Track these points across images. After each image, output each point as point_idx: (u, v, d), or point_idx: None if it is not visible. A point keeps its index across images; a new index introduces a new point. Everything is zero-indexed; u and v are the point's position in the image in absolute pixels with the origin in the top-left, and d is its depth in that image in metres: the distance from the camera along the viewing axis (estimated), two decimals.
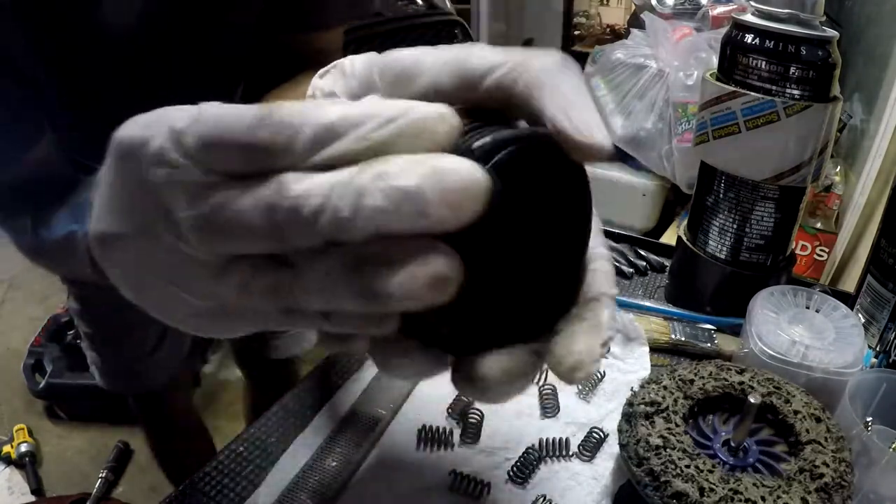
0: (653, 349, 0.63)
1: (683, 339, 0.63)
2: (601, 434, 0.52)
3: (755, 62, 0.59)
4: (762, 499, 0.40)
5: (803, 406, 0.47)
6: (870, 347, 0.61)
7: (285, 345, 0.98)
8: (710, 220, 0.66)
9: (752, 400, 0.44)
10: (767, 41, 0.58)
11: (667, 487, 0.41)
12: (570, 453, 0.51)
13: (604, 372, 0.59)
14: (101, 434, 1.69)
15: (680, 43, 1.53)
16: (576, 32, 2.94)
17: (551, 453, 0.51)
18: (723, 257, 0.67)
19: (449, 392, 0.55)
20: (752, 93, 0.59)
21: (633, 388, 0.50)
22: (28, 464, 1.57)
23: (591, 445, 0.51)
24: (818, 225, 1.45)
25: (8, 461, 1.61)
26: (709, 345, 0.63)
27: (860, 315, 0.63)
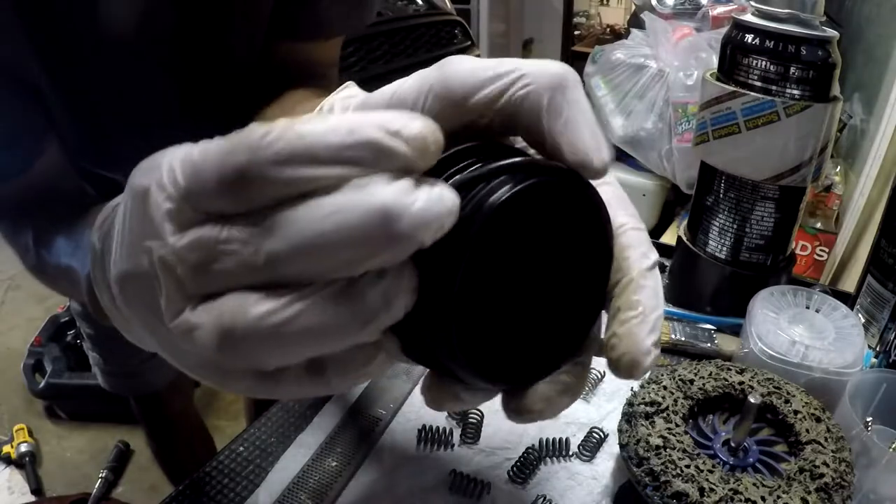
0: None
1: (683, 339, 0.63)
2: (601, 434, 0.52)
3: (755, 62, 0.59)
4: (762, 499, 0.40)
5: (803, 406, 0.47)
6: (870, 347, 0.61)
7: None
8: (710, 220, 0.66)
9: (752, 400, 0.44)
10: (767, 41, 0.58)
11: (667, 487, 0.41)
12: (570, 453, 0.51)
13: (603, 372, 0.59)
14: (101, 434, 1.69)
15: (680, 43, 1.53)
16: (576, 32, 2.94)
17: (551, 453, 0.51)
18: (723, 257, 0.67)
19: None
20: (752, 93, 0.59)
21: (633, 388, 0.50)
22: (28, 464, 1.57)
23: (591, 445, 0.51)
24: (818, 225, 1.45)
25: (8, 461, 1.61)
26: (709, 345, 0.63)
27: (860, 315, 0.63)
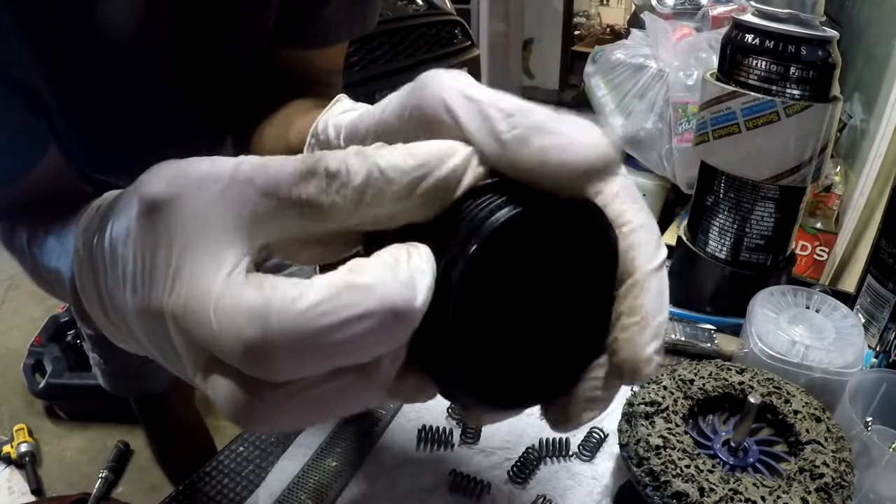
0: None
1: (683, 339, 0.63)
2: (601, 434, 0.52)
3: (755, 62, 0.59)
4: (762, 499, 0.40)
5: (803, 406, 0.47)
6: (870, 347, 0.61)
7: None
8: (710, 220, 0.66)
9: (752, 400, 0.44)
10: (767, 41, 0.58)
11: (667, 487, 0.41)
12: (570, 453, 0.51)
13: None
14: (101, 434, 1.69)
15: (680, 43, 1.53)
16: (576, 32, 2.94)
17: (551, 453, 0.51)
18: (723, 257, 0.67)
19: None
20: (752, 93, 0.59)
21: (633, 389, 0.50)
22: (28, 464, 1.57)
23: (591, 445, 0.51)
24: (818, 225, 1.45)
25: (8, 461, 1.61)
26: (709, 345, 0.63)
27: (860, 315, 0.63)
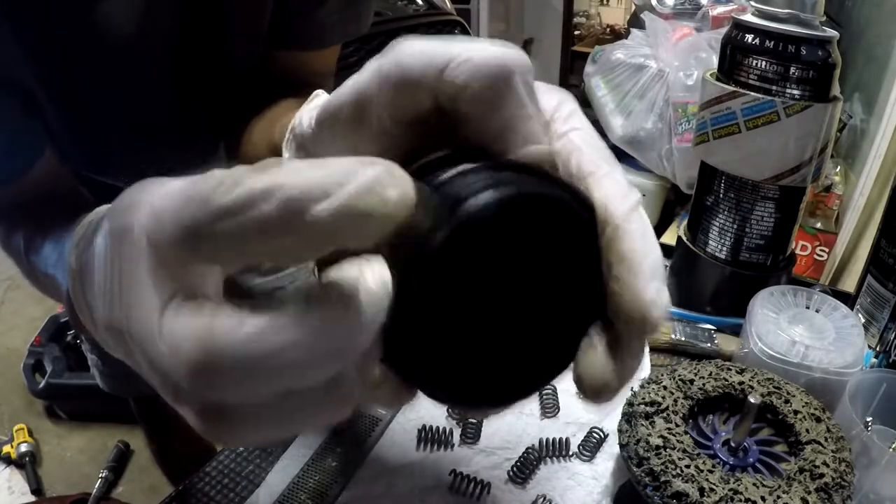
0: (653, 349, 0.63)
1: (683, 339, 0.63)
2: (601, 434, 0.52)
3: (755, 62, 0.59)
4: (762, 499, 0.40)
5: (803, 406, 0.47)
6: (870, 347, 0.61)
7: None
8: (710, 220, 0.66)
9: (752, 400, 0.44)
10: (767, 41, 0.58)
11: (667, 487, 0.41)
12: (570, 453, 0.51)
13: None
14: (101, 434, 1.69)
15: (680, 43, 1.53)
16: (576, 32, 2.94)
17: (551, 453, 0.51)
18: (723, 257, 0.67)
19: None
20: (752, 93, 0.59)
21: (633, 388, 0.50)
22: (28, 464, 1.57)
23: (591, 445, 0.51)
24: (818, 225, 1.45)
25: (8, 461, 1.61)
26: (709, 345, 0.63)
27: (860, 315, 0.63)
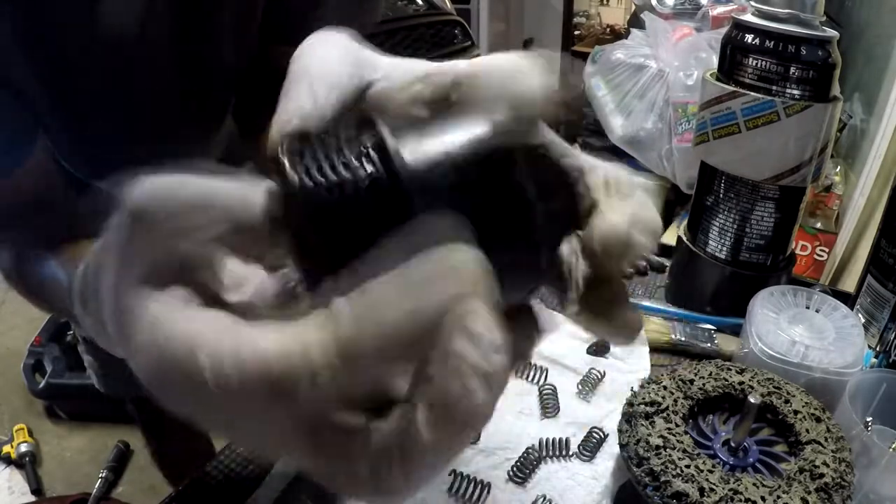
0: (653, 349, 0.63)
1: (683, 339, 0.63)
2: (601, 434, 0.52)
3: (755, 62, 0.59)
4: (762, 499, 0.40)
5: (803, 406, 0.47)
6: (870, 347, 0.61)
7: None
8: (710, 220, 0.66)
9: (752, 400, 0.44)
10: (767, 41, 0.58)
11: (667, 487, 0.41)
12: (570, 453, 0.51)
13: (604, 372, 0.59)
14: (101, 434, 1.69)
15: (680, 43, 1.53)
16: (576, 32, 2.94)
17: (551, 453, 0.51)
18: (723, 257, 0.67)
19: None
20: (752, 93, 0.59)
21: (633, 389, 0.50)
22: (28, 464, 1.57)
23: (591, 445, 0.51)
24: (818, 225, 1.45)
25: (8, 461, 1.61)
26: (709, 345, 0.63)
27: (860, 315, 0.63)
